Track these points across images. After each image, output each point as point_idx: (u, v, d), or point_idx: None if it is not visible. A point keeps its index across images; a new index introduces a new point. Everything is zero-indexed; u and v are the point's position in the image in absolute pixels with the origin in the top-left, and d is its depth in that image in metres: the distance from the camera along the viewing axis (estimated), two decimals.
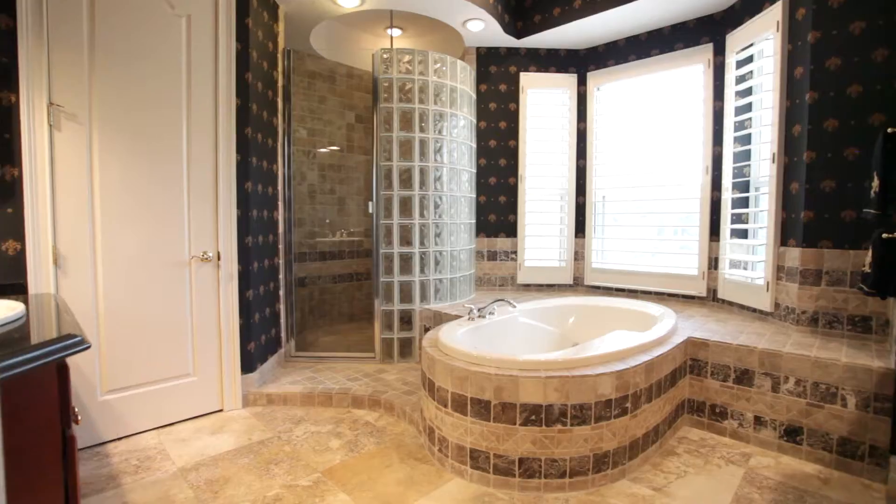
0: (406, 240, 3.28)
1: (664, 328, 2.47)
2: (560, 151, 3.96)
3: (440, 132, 3.32)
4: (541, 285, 3.99)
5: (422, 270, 3.33)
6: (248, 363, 2.76)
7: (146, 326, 2.40)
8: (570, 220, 3.96)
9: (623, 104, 3.72)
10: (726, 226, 3.14)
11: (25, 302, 1.72)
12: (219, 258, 2.61)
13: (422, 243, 3.32)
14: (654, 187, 3.57)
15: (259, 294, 2.88)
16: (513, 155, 3.93)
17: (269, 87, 3.03)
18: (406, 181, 3.25)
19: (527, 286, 3.99)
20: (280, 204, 3.23)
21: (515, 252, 3.97)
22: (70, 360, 1.65)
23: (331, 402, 2.77)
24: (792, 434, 2.15)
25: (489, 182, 3.95)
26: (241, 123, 2.65)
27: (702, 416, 2.44)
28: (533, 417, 1.86)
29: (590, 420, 1.88)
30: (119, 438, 2.35)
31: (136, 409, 2.39)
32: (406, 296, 3.32)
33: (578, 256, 3.97)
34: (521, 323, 2.99)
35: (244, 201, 2.69)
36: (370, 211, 3.26)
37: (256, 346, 2.84)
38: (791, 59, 2.58)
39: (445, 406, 2.03)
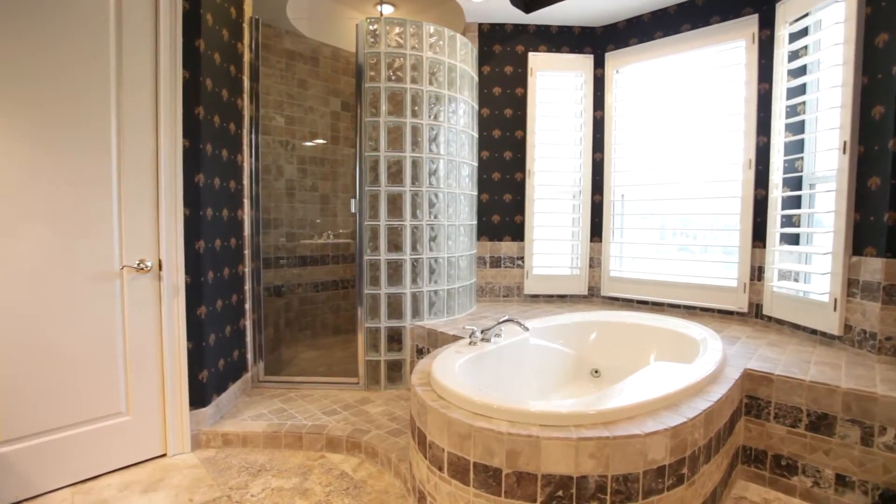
0: (395, 244, 2.78)
1: (715, 358, 1.97)
2: (574, 143, 3.46)
3: (436, 117, 2.82)
4: (551, 296, 3.49)
5: (414, 280, 2.83)
6: (200, 395, 2.25)
7: (58, 356, 1.89)
8: (584, 221, 3.46)
9: (647, 89, 3.23)
10: (774, 229, 2.64)
11: None
12: (160, 268, 2.10)
13: (414, 248, 2.82)
14: (684, 185, 3.07)
15: (215, 310, 2.38)
16: (520, 147, 3.44)
17: (231, 61, 2.52)
18: (395, 175, 2.75)
19: (535, 297, 3.49)
20: (246, 201, 2.72)
21: (522, 258, 3.47)
22: None
23: (301, 444, 2.26)
24: (891, 501, 1.66)
25: (492, 178, 3.45)
26: (190, 101, 2.14)
27: (761, 469, 1.95)
28: (560, 494, 1.36)
29: (636, 496, 1.38)
30: (21, 502, 1.84)
31: (44, 462, 1.88)
32: (395, 310, 2.81)
33: (594, 263, 3.47)
34: (533, 346, 2.49)
35: (194, 198, 2.18)
36: (352, 210, 2.76)
37: (212, 374, 2.33)
38: (871, 25, 2.09)
39: (440, 469, 1.53)
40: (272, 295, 3.52)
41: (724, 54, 2.94)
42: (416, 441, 1.70)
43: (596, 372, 2.71)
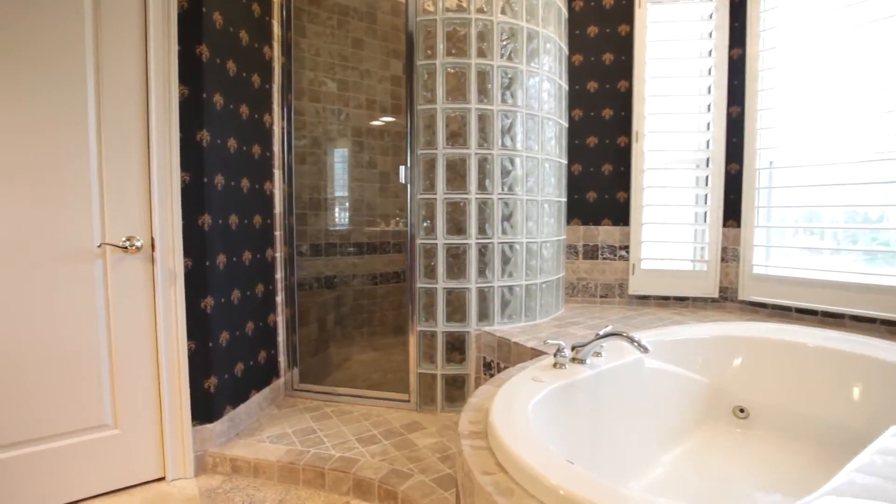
0: (456, 224, 2.15)
1: None
2: (699, 93, 2.58)
3: (510, 58, 2.14)
4: (665, 298, 2.64)
5: (481, 272, 2.18)
6: (206, 408, 1.80)
7: (24, 353, 1.51)
8: (715, 198, 2.56)
9: (818, 13, 2.25)
10: None
11: None
12: (153, 248, 1.67)
13: (481, 230, 2.16)
14: (869, 148, 2.07)
15: (230, 302, 1.92)
16: (624, 102, 2.62)
17: None
18: (457, 134, 2.12)
19: (643, 299, 2.66)
20: (276, 172, 2.26)
21: (627, 247, 2.66)
22: None
23: (322, 483, 1.72)
24: None
25: (586, 143, 2.68)
26: (188, 36, 1.69)
27: None
28: None
29: None
30: None
31: (10, 481, 1.51)
32: (456, 311, 2.18)
33: (728, 255, 2.56)
34: (648, 372, 1.72)
35: (196, 160, 1.73)
36: (402, 180, 2.17)
37: (223, 382, 1.88)
38: None
39: None
40: (322, 287, 3.07)
41: None
42: None
43: (742, 411, 1.86)
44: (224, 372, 1.88)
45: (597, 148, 2.67)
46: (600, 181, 2.68)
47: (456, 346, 2.21)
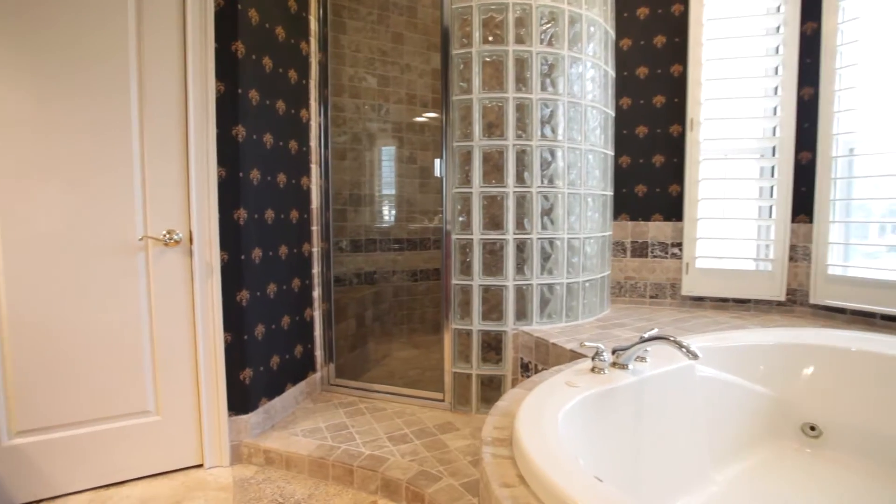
0: (493, 219, 2.07)
1: None
2: (764, 74, 2.34)
3: (551, 43, 2.02)
4: (723, 300, 2.42)
5: (519, 269, 2.08)
6: (242, 399, 1.83)
7: (76, 339, 1.60)
8: (782, 191, 2.32)
9: None
10: None
11: None
12: (191, 241, 1.71)
13: (519, 225, 2.07)
14: None
15: (266, 296, 1.94)
16: (677, 88, 2.43)
17: None
18: (494, 125, 2.03)
19: (698, 300, 2.46)
20: (314, 167, 2.27)
21: (680, 244, 2.47)
22: None
23: (351, 480, 1.70)
24: None
25: (635, 133, 2.51)
26: (225, 34, 1.71)
27: None
28: None
29: None
30: (39, 501, 1.59)
31: (62, 459, 1.60)
32: (493, 309, 2.10)
33: (798, 254, 2.31)
34: (700, 380, 1.56)
35: (232, 155, 1.75)
36: (437, 173, 2.12)
37: (258, 374, 1.90)
38: None
39: None
40: (362, 283, 3.08)
41: None
42: None
43: (812, 429, 1.65)
44: (259, 364, 1.91)
45: (647, 138, 2.49)
46: (651, 174, 2.50)
47: (492, 346, 2.13)
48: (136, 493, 1.64)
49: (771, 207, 2.38)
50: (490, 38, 2.00)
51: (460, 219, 2.10)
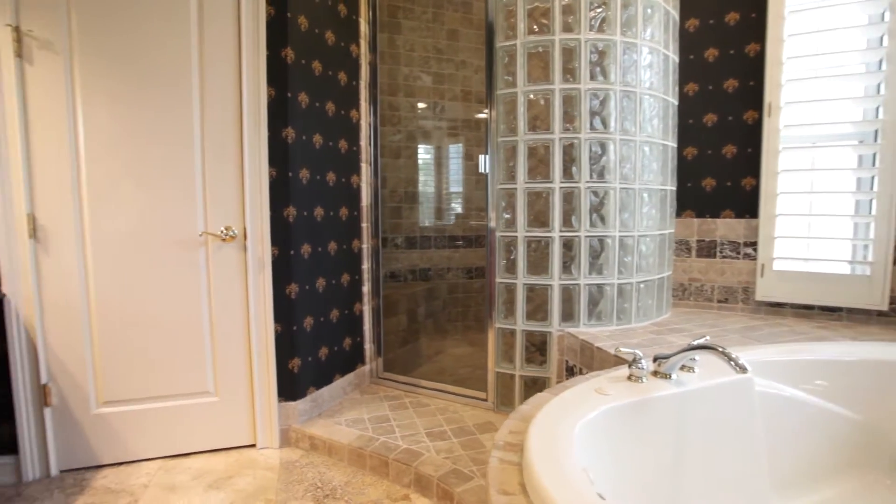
0: (539, 216, 2.00)
1: None
2: (864, 47, 2.03)
3: (601, 29, 1.91)
4: (808, 308, 2.14)
5: (565, 268, 2.00)
6: (291, 387, 1.94)
7: (148, 323, 1.79)
8: (886, 183, 2.00)
9: None
10: None
11: None
12: (245, 237, 1.84)
13: (566, 222, 1.98)
14: None
15: (314, 290, 2.04)
16: (753, 70, 2.18)
17: None
18: (539, 118, 1.96)
19: (776, 307, 2.20)
20: (364, 166, 2.33)
21: (755, 244, 2.22)
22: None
23: (386, 472, 1.73)
24: None
25: (703, 122, 2.29)
26: (275, 42, 1.81)
27: None
28: None
29: None
30: (117, 464, 1.80)
31: (137, 429, 1.80)
32: (538, 309, 2.04)
33: None
34: (760, 396, 1.40)
35: (281, 156, 1.86)
36: (482, 169, 2.09)
37: (307, 364, 2.00)
38: None
39: None
40: (417, 279, 3.13)
41: None
42: None
43: None
44: (308, 355, 2.01)
45: (716, 127, 2.27)
46: (720, 166, 2.27)
47: (536, 347, 2.06)
48: (196, 466, 1.81)
49: (871, 202, 2.06)
50: (535, 29, 1.93)
51: (505, 216, 2.06)
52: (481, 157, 2.08)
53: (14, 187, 1.61)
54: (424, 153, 3.15)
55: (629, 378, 1.32)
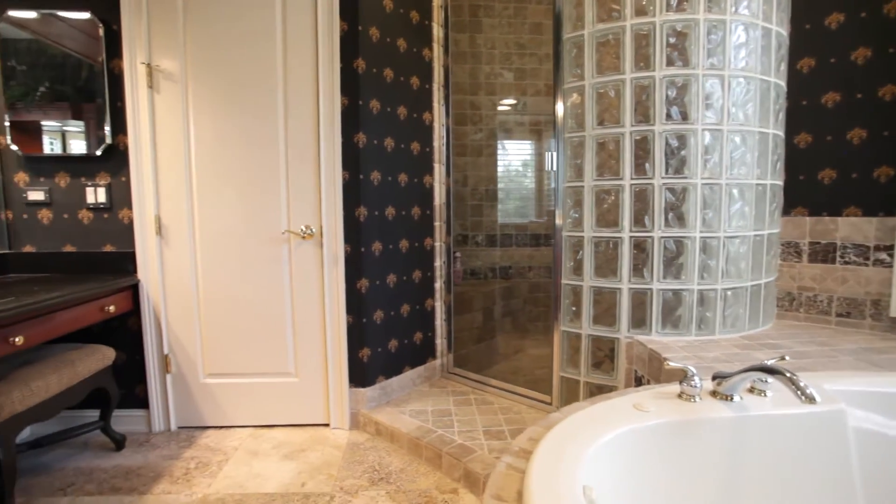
0: (606, 215, 1.89)
1: None
2: None
3: (681, 8, 1.73)
4: None
5: (636, 271, 1.86)
6: (361, 374, 2.10)
7: (242, 309, 2.06)
8: None
9: None
10: None
11: None
12: (322, 235, 2.03)
13: (638, 222, 1.84)
14: None
15: (385, 285, 2.17)
16: (885, 38, 1.79)
17: (412, 5, 2.22)
18: (608, 111, 1.84)
19: None
20: (437, 166, 2.40)
21: (890, 248, 1.83)
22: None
23: (440, 464, 1.79)
24: None
25: (821, 103, 1.94)
26: (348, 54, 1.96)
27: None
28: None
29: None
30: (219, 427, 2.12)
31: (233, 399, 2.10)
32: (605, 314, 1.93)
33: None
34: (855, 432, 1.17)
35: (353, 159, 2.01)
36: (548, 167, 2.03)
37: (376, 354, 2.14)
38: None
39: None
40: (497, 277, 3.13)
41: None
42: None
43: None
44: (377, 346, 2.15)
45: (839, 108, 1.91)
46: (844, 154, 1.91)
47: (604, 353, 1.95)
48: (279, 437, 2.05)
49: None
50: (604, 17, 1.81)
51: (572, 214, 1.98)
52: (547, 155, 2.02)
53: (147, 194, 1.97)
54: (507, 150, 3.13)
55: (679, 396, 1.20)
